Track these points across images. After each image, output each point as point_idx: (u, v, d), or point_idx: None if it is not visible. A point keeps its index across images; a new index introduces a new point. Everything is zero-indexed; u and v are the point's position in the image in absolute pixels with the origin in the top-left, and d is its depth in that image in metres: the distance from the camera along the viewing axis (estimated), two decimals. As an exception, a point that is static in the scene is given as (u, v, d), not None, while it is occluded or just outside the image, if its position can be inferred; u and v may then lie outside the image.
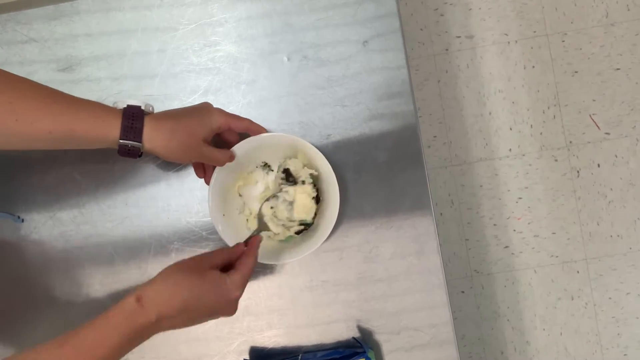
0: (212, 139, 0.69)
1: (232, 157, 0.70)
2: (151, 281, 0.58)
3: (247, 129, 0.71)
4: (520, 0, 1.57)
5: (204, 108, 0.68)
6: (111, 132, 0.61)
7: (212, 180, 0.71)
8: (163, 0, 0.77)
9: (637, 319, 1.57)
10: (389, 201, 0.77)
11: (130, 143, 0.61)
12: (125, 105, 0.63)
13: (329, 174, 0.70)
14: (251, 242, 0.67)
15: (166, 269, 0.59)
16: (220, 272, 0.60)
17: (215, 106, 0.69)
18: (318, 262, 0.77)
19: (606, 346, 1.57)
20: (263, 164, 0.75)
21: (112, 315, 0.54)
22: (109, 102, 0.77)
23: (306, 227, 0.74)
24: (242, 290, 0.62)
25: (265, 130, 0.72)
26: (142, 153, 0.63)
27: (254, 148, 0.72)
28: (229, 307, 0.61)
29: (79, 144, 0.61)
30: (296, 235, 0.74)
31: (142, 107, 0.63)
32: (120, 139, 0.61)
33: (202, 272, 0.59)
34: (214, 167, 0.71)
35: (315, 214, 0.73)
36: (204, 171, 0.73)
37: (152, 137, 0.62)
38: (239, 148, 0.71)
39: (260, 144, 0.72)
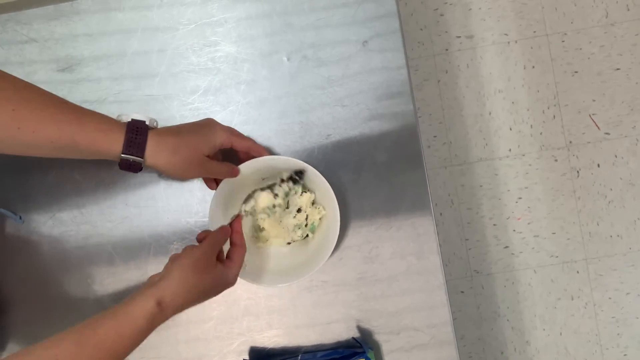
0: (222, 152, 0.70)
1: (236, 172, 0.70)
2: (168, 280, 0.60)
3: (249, 149, 0.70)
4: (520, 0, 1.57)
5: (208, 125, 0.68)
6: (114, 145, 0.60)
7: (217, 190, 0.71)
8: (163, 0, 0.77)
9: (637, 319, 1.57)
10: (389, 201, 0.77)
11: (132, 158, 0.61)
12: (130, 119, 0.63)
13: (330, 195, 0.70)
14: (235, 227, 0.71)
15: (180, 266, 0.61)
16: (221, 265, 0.65)
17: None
18: (318, 262, 0.77)
19: (606, 346, 1.57)
20: (267, 186, 0.75)
21: (134, 317, 0.57)
22: (109, 102, 0.77)
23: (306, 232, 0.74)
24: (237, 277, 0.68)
25: (267, 152, 0.71)
26: (142, 168, 0.63)
27: (259, 169, 0.71)
28: (223, 290, 0.67)
29: (81, 155, 0.61)
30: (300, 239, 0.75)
31: (147, 122, 0.63)
32: (123, 153, 0.60)
33: (211, 269, 0.64)
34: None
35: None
36: (217, 183, 0.73)
37: (154, 153, 0.62)
38: (245, 167, 0.70)
39: (265, 165, 0.71)
